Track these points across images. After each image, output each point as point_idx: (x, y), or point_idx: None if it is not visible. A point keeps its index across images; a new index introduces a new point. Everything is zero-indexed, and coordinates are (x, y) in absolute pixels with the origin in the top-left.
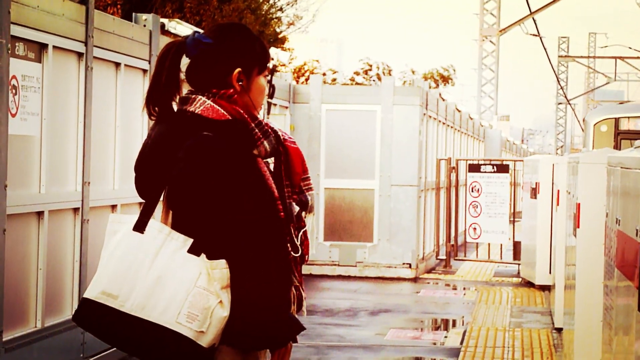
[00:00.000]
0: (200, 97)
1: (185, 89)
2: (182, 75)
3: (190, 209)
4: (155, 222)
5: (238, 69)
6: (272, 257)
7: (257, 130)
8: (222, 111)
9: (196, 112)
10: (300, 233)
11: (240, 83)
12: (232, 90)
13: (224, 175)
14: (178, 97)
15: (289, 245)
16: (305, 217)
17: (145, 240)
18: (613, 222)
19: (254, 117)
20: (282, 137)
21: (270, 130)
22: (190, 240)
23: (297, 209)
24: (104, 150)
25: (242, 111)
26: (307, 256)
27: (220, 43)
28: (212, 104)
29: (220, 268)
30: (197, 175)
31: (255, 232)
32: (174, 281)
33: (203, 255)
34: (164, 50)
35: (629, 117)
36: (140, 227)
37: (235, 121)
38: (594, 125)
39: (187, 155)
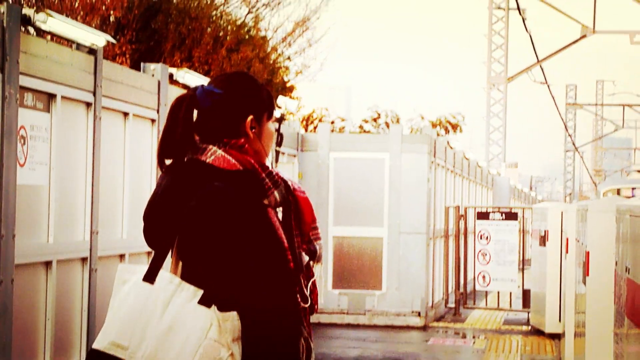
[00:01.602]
0: (212, 146)
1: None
2: None
3: (201, 260)
4: (166, 273)
5: (251, 116)
6: (281, 307)
7: (267, 180)
8: (234, 161)
9: (208, 161)
10: (310, 283)
11: (253, 130)
12: (243, 140)
13: (235, 225)
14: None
15: (298, 295)
16: (313, 266)
17: (155, 291)
18: (623, 270)
19: (265, 167)
20: (292, 187)
21: (280, 180)
22: (201, 291)
23: (306, 258)
24: (112, 200)
25: (253, 161)
26: (316, 306)
27: (230, 93)
28: (223, 153)
29: (232, 320)
30: (209, 225)
31: (266, 283)
32: (185, 332)
33: (214, 307)
34: (175, 104)
35: (630, 188)
36: (150, 277)
37: (247, 171)
38: (603, 193)
39: (199, 206)
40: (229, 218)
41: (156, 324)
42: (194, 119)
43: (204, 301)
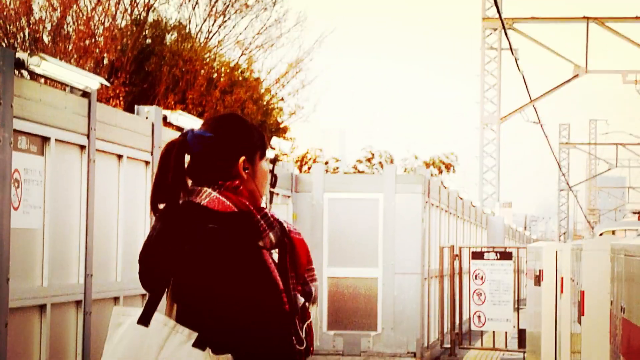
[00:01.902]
0: (206, 188)
1: None
2: None
3: (196, 302)
4: (160, 315)
5: (243, 157)
6: (277, 350)
7: (262, 222)
8: (228, 203)
9: (202, 203)
10: (305, 325)
11: (246, 171)
12: (237, 182)
13: (229, 267)
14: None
15: (293, 338)
16: (309, 308)
17: (149, 334)
18: (618, 309)
19: (260, 209)
20: (287, 229)
21: (275, 221)
22: (195, 334)
23: (302, 300)
24: (106, 242)
25: (247, 203)
26: (311, 348)
27: (221, 135)
28: (217, 195)
29: None
30: (203, 268)
31: (260, 325)
32: None
33: (208, 350)
34: (165, 150)
35: (623, 230)
36: (144, 320)
37: (241, 213)
38: (599, 234)
39: (193, 248)
40: (223, 260)
41: None
42: (187, 162)
43: (199, 344)
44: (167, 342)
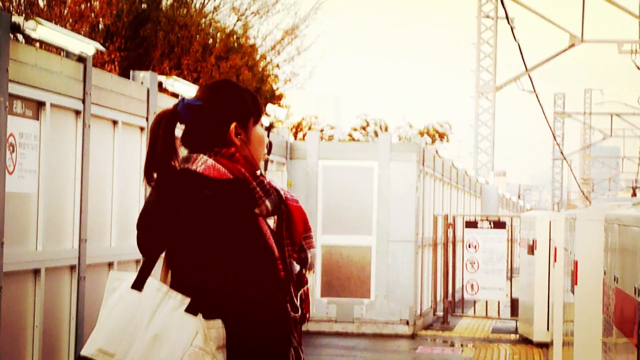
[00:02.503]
0: (202, 155)
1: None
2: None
3: (189, 268)
4: (154, 280)
5: (234, 123)
6: (270, 317)
7: (258, 189)
8: (224, 170)
9: (198, 170)
10: (301, 292)
11: (239, 136)
12: (233, 149)
13: (224, 234)
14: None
15: (289, 305)
16: (306, 274)
17: (143, 299)
18: (611, 279)
19: (256, 176)
20: (284, 196)
21: (272, 189)
22: (188, 299)
23: (297, 267)
24: (101, 208)
25: (243, 170)
26: (307, 314)
27: (212, 103)
28: (214, 162)
29: (217, 328)
30: (198, 234)
31: (254, 292)
32: (171, 340)
33: (200, 315)
34: (155, 122)
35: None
36: (138, 285)
37: (237, 180)
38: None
39: (188, 214)
40: (217, 227)
41: (143, 332)
42: (181, 131)
43: (191, 309)
44: (160, 306)
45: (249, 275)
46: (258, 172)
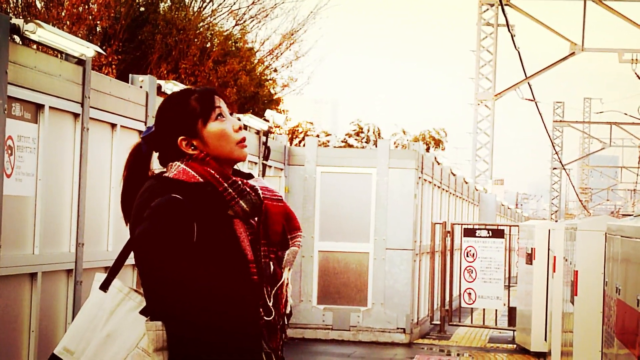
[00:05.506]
0: (176, 162)
1: None
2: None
3: (145, 269)
4: (117, 282)
5: (179, 138)
6: (228, 320)
7: (230, 190)
8: (193, 173)
9: (170, 176)
10: (274, 291)
11: (192, 147)
12: (203, 154)
13: (187, 237)
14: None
15: (261, 310)
16: (282, 271)
17: (106, 299)
18: (613, 290)
19: (227, 177)
20: (262, 195)
21: (249, 189)
22: (144, 302)
23: (272, 268)
24: (98, 212)
25: (213, 172)
26: (284, 311)
27: (157, 125)
28: (184, 167)
29: (155, 330)
30: (157, 236)
31: (218, 296)
32: (120, 340)
33: (149, 318)
34: (126, 160)
35: None
36: (105, 285)
37: (206, 183)
38: None
39: (149, 215)
40: (180, 229)
41: (100, 331)
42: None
43: (145, 311)
44: (119, 307)
45: (212, 279)
46: (236, 166)
